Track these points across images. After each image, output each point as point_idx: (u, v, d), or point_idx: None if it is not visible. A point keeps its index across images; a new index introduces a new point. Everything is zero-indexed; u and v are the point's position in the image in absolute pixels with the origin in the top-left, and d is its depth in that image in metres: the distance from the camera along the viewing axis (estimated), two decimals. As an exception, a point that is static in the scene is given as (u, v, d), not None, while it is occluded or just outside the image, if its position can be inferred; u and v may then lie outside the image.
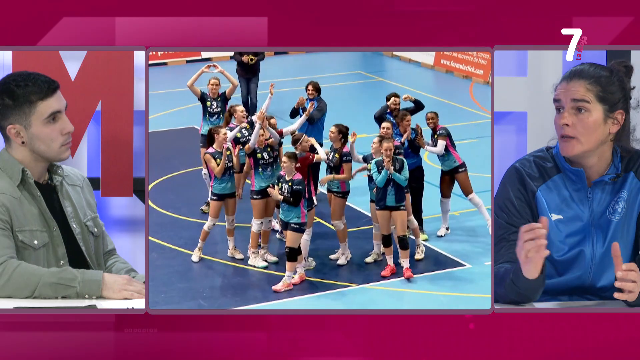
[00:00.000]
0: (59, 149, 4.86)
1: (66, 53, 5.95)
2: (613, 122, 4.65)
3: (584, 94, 4.60)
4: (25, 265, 4.70)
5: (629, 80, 4.72)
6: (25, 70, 4.88)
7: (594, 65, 4.68)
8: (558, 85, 4.70)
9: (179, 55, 19.78)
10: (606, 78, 4.63)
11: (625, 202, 4.74)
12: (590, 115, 4.60)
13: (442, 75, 19.11)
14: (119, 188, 6.03)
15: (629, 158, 4.76)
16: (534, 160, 4.79)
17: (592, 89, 4.61)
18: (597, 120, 4.61)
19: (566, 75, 4.68)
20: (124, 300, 4.76)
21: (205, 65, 12.33)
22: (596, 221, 4.74)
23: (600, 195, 4.74)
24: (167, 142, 14.66)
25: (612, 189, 4.75)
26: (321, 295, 9.84)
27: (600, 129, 4.63)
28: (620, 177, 4.74)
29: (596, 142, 4.64)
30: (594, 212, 4.73)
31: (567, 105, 4.61)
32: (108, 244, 5.23)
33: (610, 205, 4.75)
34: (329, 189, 10.57)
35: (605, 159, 4.72)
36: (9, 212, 4.75)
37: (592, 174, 4.74)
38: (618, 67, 4.71)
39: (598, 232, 4.74)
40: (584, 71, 4.65)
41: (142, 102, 6.05)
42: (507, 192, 4.74)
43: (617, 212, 4.74)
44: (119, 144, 5.99)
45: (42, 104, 4.79)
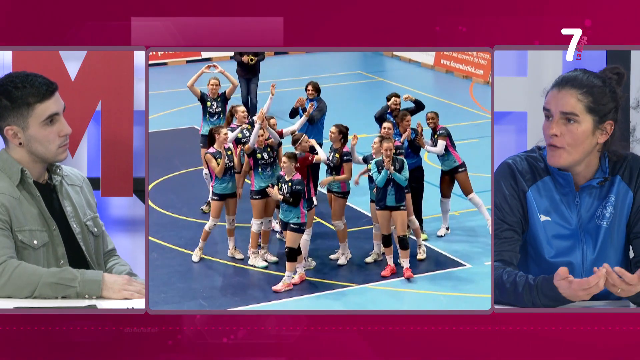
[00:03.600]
0: (56, 150, 4.86)
1: (66, 53, 5.95)
2: (602, 132, 4.61)
3: (574, 105, 4.54)
4: (25, 265, 4.70)
5: (620, 88, 4.68)
6: (24, 71, 4.87)
7: (587, 73, 4.61)
8: (549, 92, 4.65)
9: (179, 55, 19.77)
10: (599, 89, 4.56)
11: (613, 206, 4.72)
12: (579, 126, 4.56)
13: (442, 75, 19.11)
14: (119, 188, 6.03)
15: (615, 162, 4.74)
16: (526, 159, 4.78)
17: (583, 100, 4.56)
18: (586, 131, 4.58)
19: (558, 82, 4.62)
20: (124, 300, 4.76)
21: (205, 66, 12.33)
22: (585, 226, 4.72)
23: (588, 200, 4.72)
24: (167, 142, 14.66)
25: (600, 193, 4.73)
26: (321, 295, 9.84)
27: (589, 140, 4.59)
28: (608, 181, 4.72)
29: (583, 153, 4.61)
30: (582, 217, 4.72)
31: (556, 116, 4.58)
32: (108, 244, 5.22)
33: (598, 210, 4.73)
34: (329, 189, 10.57)
35: (592, 165, 4.70)
36: (8, 212, 4.75)
37: (579, 179, 4.72)
38: (610, 75, 4.64)
39: (587, 238, 4.73)
40: (577, 79, 4.58)
41: (142, 102, 6.05)
42: (500, 188, 4.73)
43: (606, 218, 4.72)
44: (119, 144, 5.99)
45: (40, 106, 4.79)
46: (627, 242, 4.78)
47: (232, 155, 10.59)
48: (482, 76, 18.22)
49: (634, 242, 4.74)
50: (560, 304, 4.42)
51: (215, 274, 10.35)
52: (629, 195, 4.73)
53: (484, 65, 18.28)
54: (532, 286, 4.46)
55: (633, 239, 4.74)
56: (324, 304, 9.60)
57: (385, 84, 18.38)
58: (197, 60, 19.44)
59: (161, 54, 19.66)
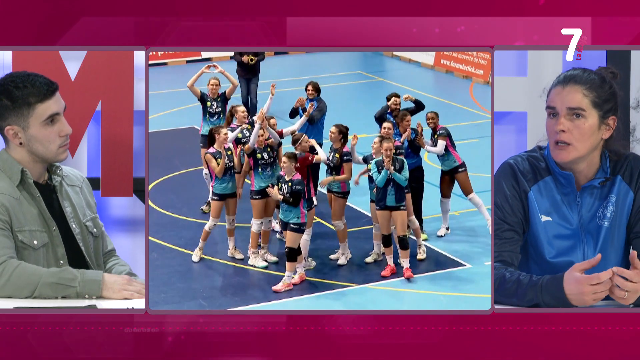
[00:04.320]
0: (57, 150, 4.86)
1: (66, 53, 5.95)
2: (607, 127, 4.64)
3: (580, 100, 4.58)
4: (25, 265, 4.70)
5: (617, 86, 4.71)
6: (25, 71, 4.87)
7: (587, 71, 4.65)
8: (552, 90, 4.67)
9: (179, 55, 19.77)
10: (600, 84, 4.62)
11: (614, 207, 4.73)
12: (586, 121, 4.59)
13: (442, 75, 19.10)
14: (119, 188, 6.03)
15: (615, 162, 4.75)
16: (528, 159, 4.78)
17: (588, 95, 4.59)
18: (592, 125, 4.60)
19: (560, 80, 4.65)
20: (124, 300, 4.76)
21: (205, 66, 12.32)
22: (586, 226, 4.73)
23: (589, 200, 4.72)
24: (167, 142, 14.66)
25: (601, 193, 4.74)
26: (321, 295, 9.84)
27: (595, 135, 4.62)
28: (609, 181, 4.73)
29: (590, 148, 4.64)
30: (583, 217, 4.72)
31: (563, 112, 4.60)
32: (107, 245, 5.22)
33: (599, 210, 4.74)
34: (329, 189, 10.57)
35: (594, 165, 4.72)
36: (8, 213, 4.75)
37: (580, 178, 4.73)
38: (606, 74, 4.69)
39: (589, 238, 4.73)
40: (579, 76, 4.62)
41: (142, 102, 6.05)
42: (502, 189, 4.73)
43: (607, 218, 4.73)
44: (119, 144, 5.99)
45: (40, 106, 4.79)
46: (628, 242, 4.79)
47: (232, 155, 10.59)
48: (482, 76, 18.22)
49: (634, 242, 4.75)
50: (563, 305, 4.42)
51: (215, 274, 10.35)
52: (630, 196, 4.74)
53: (484, 65, 18.27)
54: (537, 284, 4.46)
55: (633, 238, 4.75)
56: (324, 304, 9.59)
57: (385, 84, 18.38)
58: (197, 60, 19.43)
59: (161, 54, 19.65)
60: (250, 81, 14.92)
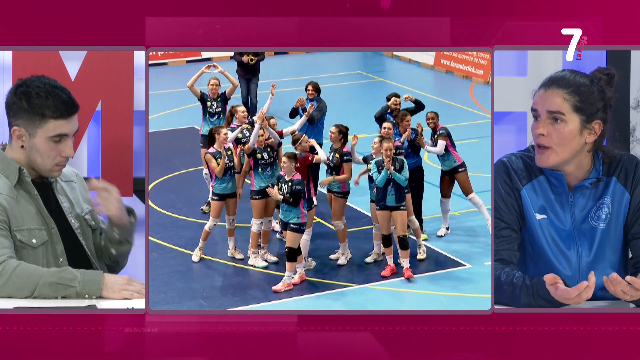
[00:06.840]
0: (52, 167, 4.87)
1: (66, 53, 5.95)
2: (589, 132, 4.60)
3: (560, 105, 4.55)
4: (25, 265, 4.70)
5: (610, 88, 4.66)
6: (55, 81, 4.83)
7: (575, 73, 4.61)
8: (536, 92, 4.66)
9: (179, 55, 19.77)
10: (586, 88, 4.56)
11: (609, 208, 4.71)
12: (566, 126, 4.56)
13: (442, 75, 19.10)
14: (119, 188, 6.02)
15: (609, 163, 4.73)
16: (522, 157, 4.78)
17: (569, 99, 4.56)
18: (573, 130, 4.57)
19: (545, 82, 4.62)
20: (124, 300, 4.76)
21: (205, 66, 12.33)
22: (579, 227, 4.71)
23: (582, 200, 4.70)
24: (167, 142, 14.66)
25: (594, 194, 4.72)
26: (321, 295, 9.84)
27: (576, 139, 4.59)
28: (601, 182, 4.71)
29: (571, 153, 4.61)
30: (576, 217, 4.71)
31: (543, 115, 4.58)
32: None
33: (592, 211, 4.72)
34: (329, 189, 10.57)
35: (584, 167, 4.69)
36: (6, 212, 4.75)
37: (571, 179, 4.71)
38: (599, 76, 4.63)
39: (582, 239, 4.72)
40: (564, 79, 4.58)
41: (142, 102, 6.05)
42: (497, 187, 4.73)
43: (601, 219, 4.71)
44: (119, 144, 5.99)
45: (53, 122, 4.79)
46: (625, 243, 4.77)
47: (232, 155, 10.59)
48: (482, 76, 18.22)
49: (632, 243, 4.73)
50: (557, 305, 4.42)
51: (215, 274, 10.34)
52: (626, 196, 4.72)
53: (484, 65, 18.27)
54: (528, 287, 4.46)
55: (631, 239, 4.74)
56: (324, 304, 9.60)
57: (385, 84, 18.38)
58: (197, 60, 19.43)
59: (161, 54, 19.65)
60: (250, 81, 14.92)
